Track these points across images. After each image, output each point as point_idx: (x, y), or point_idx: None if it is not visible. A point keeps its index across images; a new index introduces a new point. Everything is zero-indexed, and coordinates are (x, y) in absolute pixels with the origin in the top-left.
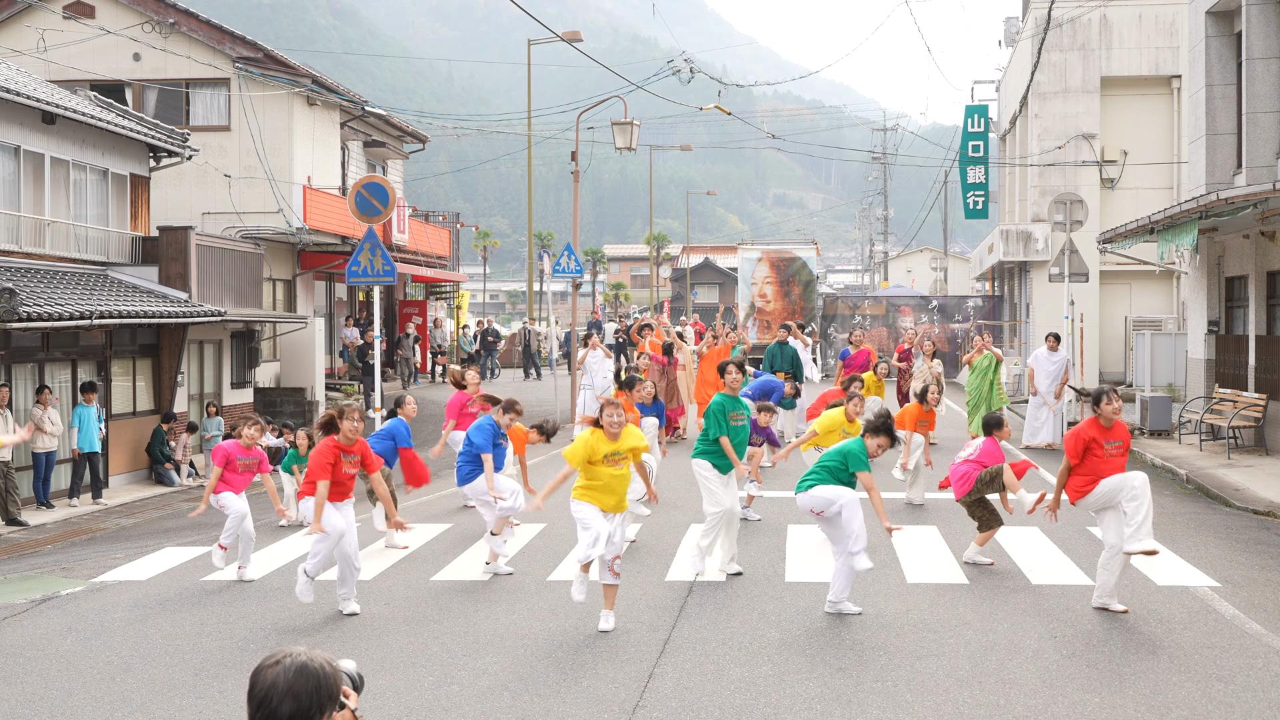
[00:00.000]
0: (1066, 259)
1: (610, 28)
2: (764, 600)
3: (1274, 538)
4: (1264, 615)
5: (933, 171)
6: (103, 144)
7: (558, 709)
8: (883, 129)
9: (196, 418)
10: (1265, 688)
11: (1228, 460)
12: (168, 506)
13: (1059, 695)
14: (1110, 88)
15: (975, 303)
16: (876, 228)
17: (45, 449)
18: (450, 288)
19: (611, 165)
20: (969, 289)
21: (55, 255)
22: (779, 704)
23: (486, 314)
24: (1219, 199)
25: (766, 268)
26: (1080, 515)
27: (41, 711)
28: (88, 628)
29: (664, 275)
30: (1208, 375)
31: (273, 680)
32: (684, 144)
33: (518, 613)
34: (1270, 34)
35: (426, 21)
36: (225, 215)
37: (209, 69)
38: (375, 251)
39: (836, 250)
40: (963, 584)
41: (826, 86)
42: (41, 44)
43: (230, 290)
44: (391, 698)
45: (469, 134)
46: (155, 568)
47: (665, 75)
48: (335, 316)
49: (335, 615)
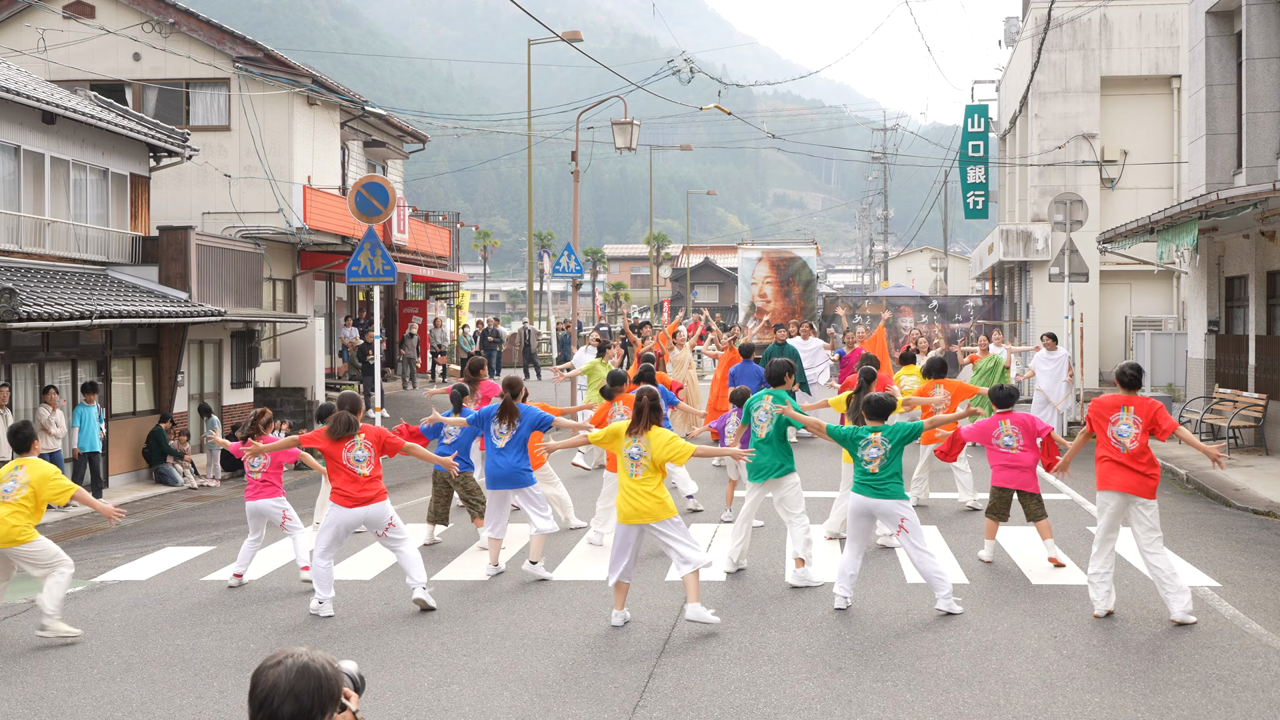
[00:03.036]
0: (1066, 259)
1: (610, 28)
2: (764, 600)
3: (1274, 538)
4: (1264, 615)
5: (933, 171)
6: (103, 144)
7: (558, 709)
8: (883, 129)
9: (196, 419)
10: (1265, 688)
11: (1228, 460)
12: (168, 506)
13: (1059, 695)
14: (1110, 88)
15: (975, 303)
16: (876, 228)
17: (50, 450)
18: (450, 288)
19: (611, 165)
20: (969, 289)
21: (55, 255)
22: (779, 704)
23: (488, 314)
24: (1219, 199)
25: (766, 268)
26: (1080, 515)
27: (41, 711)
28: (88, 628)
29: (664, 275)
30: (1208, 375)
31: (274, 681)
32: (684, 144)
33: (518, 613)
34: (1270, 34)
35: (426, 21)
36: (225, 215)
37: (209, 69)
38: (375, 251)
39: (836, 250)
40: (963, 584)
41: (826, 86)
42: (41, 44)
43: (230, 290)
44: (391, 698)
45: (469, 134)
46: (155, 568)
47: (665, 75)
48: (335, 316)
49: (336, 615)
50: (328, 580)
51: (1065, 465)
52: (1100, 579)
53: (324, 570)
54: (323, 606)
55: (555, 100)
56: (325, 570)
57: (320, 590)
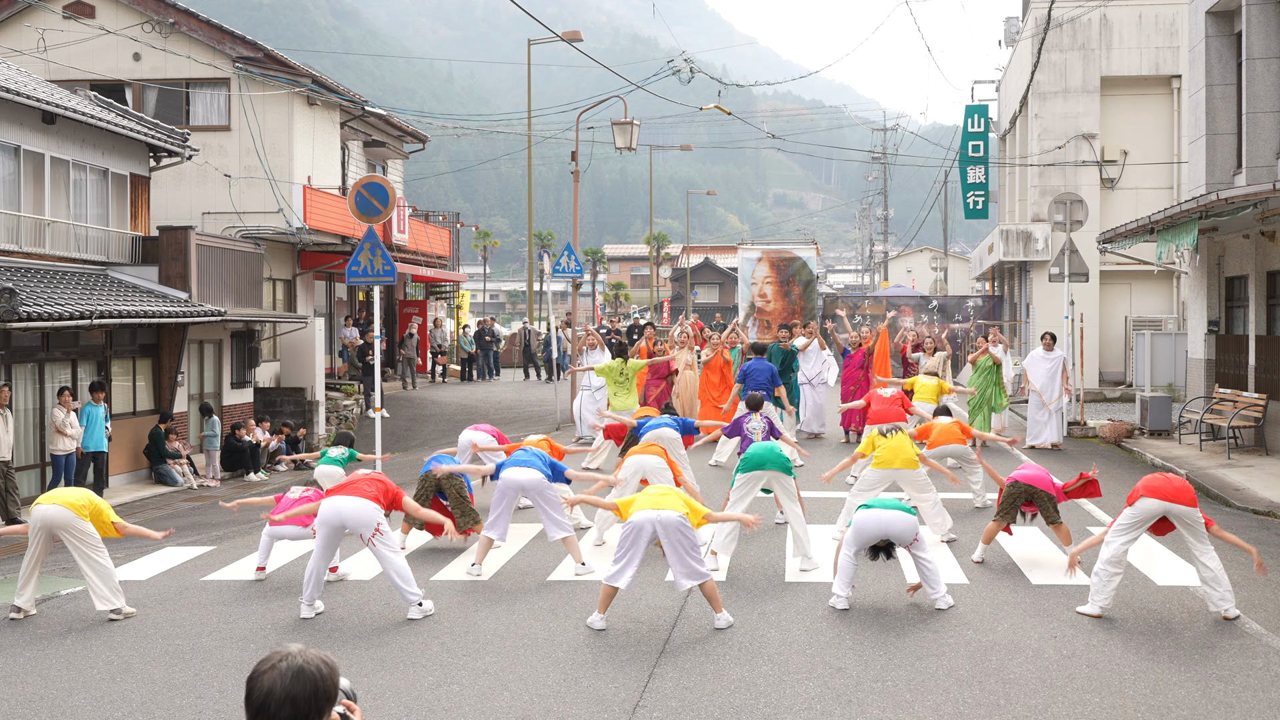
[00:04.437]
0: (1066, 259)
1: (610, 28)
2: (764, 600)
3: (1274, 538)
4: (1264, 615)
5: (933, 171)
6: (103, 144)
7: (558, 709)
8: (883, 129)
9: (196, 419)
10: (1265, 688)
11: (1228, 460)
12: (168, 506)
13: (1059, 695)
14: (1110, 88)
15: (975, 303)
16: (876, 228)
17: (65, 451)
18: (450, 288)
19: (611, 165)
20: (969, 289)
21: (55, 255)
22: (779, 704)
23: (488, 314)
24: (1219, 199)
25: (766, 268)
26: (1081, 515)
27: (41, 711)
28: (88, 628)
29: (664, 275)
30: (1208, 375)
31: (269, 687)
32: (684, 144)
33: (518, 613)
34: (1270, 34)
35: (426, 21)
36: (225, 215)
37: (209, 69)
38: (375, 251)
39: (836, 250)
40: (963, 584)
41: (826, 86)
42: (41, 44)
43: (230, 290)
44: (391, 698)
45: (469, 134)
46: (155, 568)
47: (665, 75)
48: (335, 316)
49: (335, 615)
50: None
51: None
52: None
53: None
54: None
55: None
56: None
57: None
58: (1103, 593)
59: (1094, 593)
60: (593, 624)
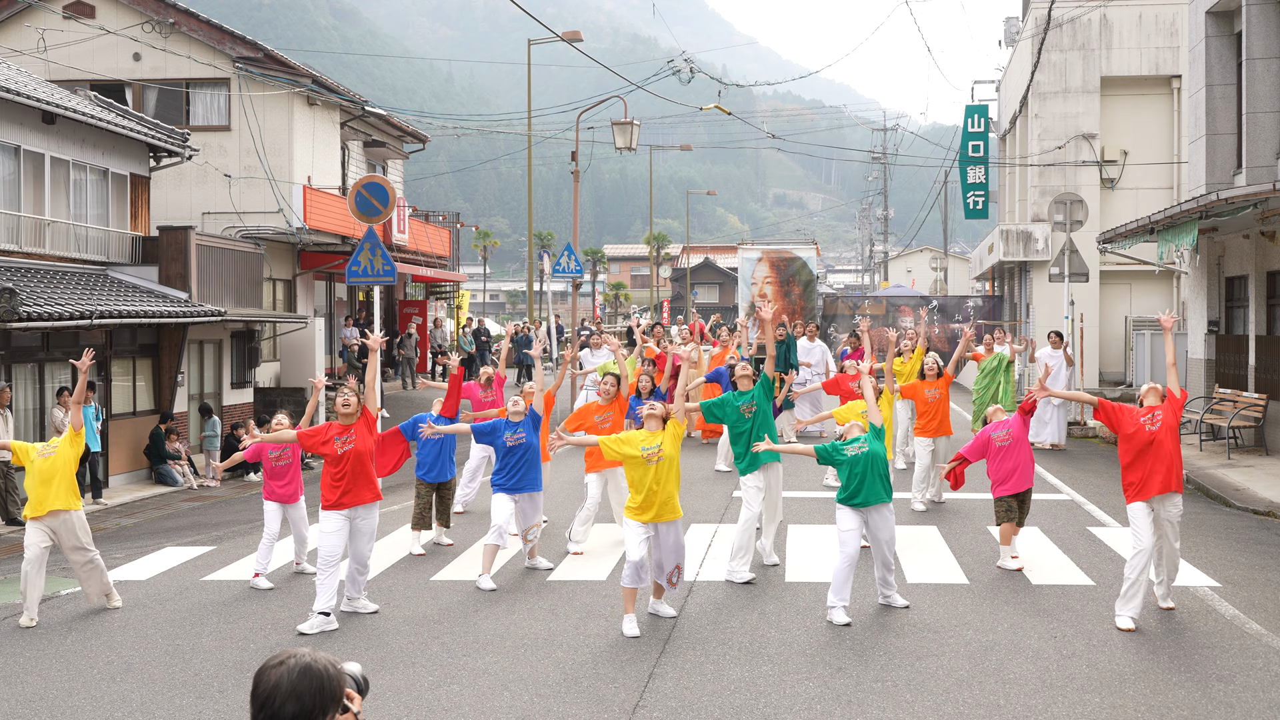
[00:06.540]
0: (1066, 259)
1: (610, 28)
2: (764, 600)
3: (1274, 538)
4: (1264, 615)
5: (933, 171)
6: (103, 144)
7: (558, 709)
8: (883, 129)
9: (196, 419)
10: (1265, 688)
11: (1228, 460)
12: (168, 506)
13: (1059, 695)
14: (1110, 88)
15: (975, 303)
16: (876, 228)
17: None
18: (450, 288)
19: (611, 165)
20: (969, 289)
21: (55, 255)
22: (779, 704)
23: (487, 314)
24: (1219, 199)
25: (766, 268)
26: (1080, 516)
27: (41, 711)
28: (88, 628)
29: (664, 275)
30: (1208, 375)
31: (276, 681)
32: (684, 144)
33: (518, 613)
34: (1270, 34)
35: (426, 21)
36: (225, 215)
37: (209, 69)
38: (375, 251)
39: (836, 250)
40: (963, 584)
41: (826, 86)
42: (41, 44)
43: (230, 290)
44: (391, 698)
45: (469, 134)
46: (155, 568)
47: (665, 75)
48: (335, 316)
49: (336, 615)
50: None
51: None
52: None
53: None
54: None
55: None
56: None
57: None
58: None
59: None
60: (626, 630)
